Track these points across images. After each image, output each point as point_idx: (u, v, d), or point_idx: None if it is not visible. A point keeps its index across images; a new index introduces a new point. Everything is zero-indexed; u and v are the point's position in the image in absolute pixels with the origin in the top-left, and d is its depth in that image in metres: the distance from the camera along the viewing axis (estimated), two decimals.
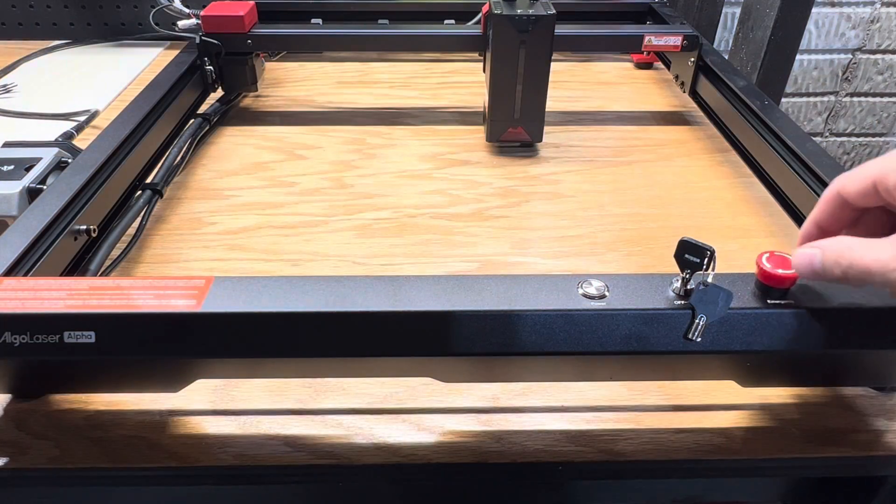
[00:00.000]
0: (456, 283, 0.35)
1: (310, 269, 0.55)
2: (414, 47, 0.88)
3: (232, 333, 0.34)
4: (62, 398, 0.42)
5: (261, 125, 0.79)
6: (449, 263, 0.56)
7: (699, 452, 0.40)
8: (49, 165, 0.54)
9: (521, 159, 0.72)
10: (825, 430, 0.41)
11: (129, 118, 0.61)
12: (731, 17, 1.21)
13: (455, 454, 0.39)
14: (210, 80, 0.78)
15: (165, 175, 0.62)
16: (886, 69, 1.28)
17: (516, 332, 0.34)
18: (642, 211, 0.63)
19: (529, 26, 0.64)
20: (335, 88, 0.89)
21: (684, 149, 0.75)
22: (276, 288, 0.35)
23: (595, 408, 0.42)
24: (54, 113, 0.80)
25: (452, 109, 0.84)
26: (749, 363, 0.38)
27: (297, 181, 0.67)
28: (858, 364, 0.40)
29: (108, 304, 0.34)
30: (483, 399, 0.43)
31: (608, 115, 0.83)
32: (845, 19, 1.22)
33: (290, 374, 0.42)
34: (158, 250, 0.57)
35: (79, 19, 1.03)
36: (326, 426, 0.41)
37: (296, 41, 0.80)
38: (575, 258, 0.57)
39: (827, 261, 0.31)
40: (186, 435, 0.40)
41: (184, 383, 0.39)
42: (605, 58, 1.01)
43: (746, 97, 0.66)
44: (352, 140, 0.75)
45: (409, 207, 0.63)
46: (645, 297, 0.35)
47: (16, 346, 0.33)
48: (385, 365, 0.38)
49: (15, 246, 0.43)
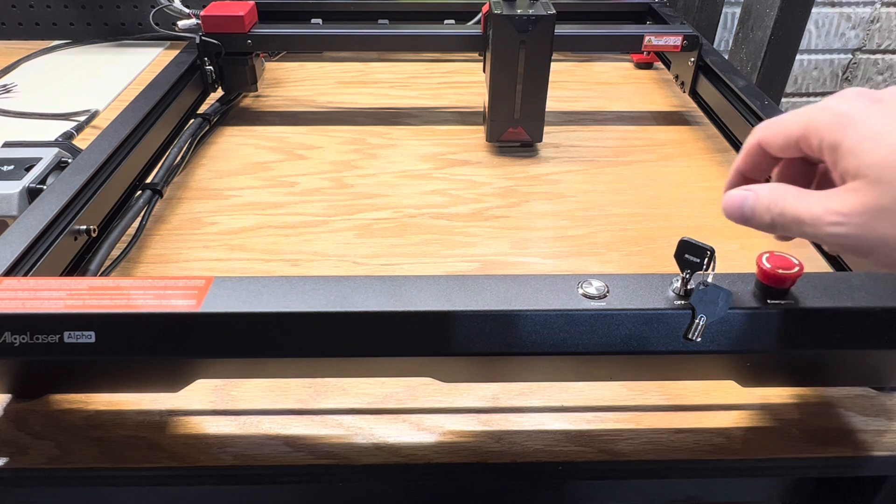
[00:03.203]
0: (456, 283, 0.35)
1: (310, 269, 0.55)
2: (414, 47, 0.88)
3: (232, 333, 0.34)
4: (62, 398, 0.42)
5: (261, 125, 0.79)
6: (449, 263, 0.56)
7: (699, 452, 0.40)
8: (49, 165, 0.54)
9: (521, 159, 0.72)
10: (825, 430, 0.41)
11: (129, 118, 0.61)
12: (731, 17, 1.21)
13: (455, 454, 0.39)
14: (210, 80, 0.78)
15: (165, 175, 0.62)
16: (886, 69, 1.28)
17: (516, 332, 0.34)
18: (642, 211, 0.63)
19: (529, 26, 0.64)
20: (335, 88, 0.89)
21: (684, 149, 0.75)
22: (276, 288, 0.35)
23: (595, 408, 0.42)
24: (54, 113, 0.80)
25: (452, 109, 0.84)
26: (749, 363, 0.38)
27: (297, 181, 0.67)
28: (858, 364, 0.40)
29: (108, 304, 0.34)
30: (483, 399, 0.43)
31: (608, 115, 0.83)
32: (845, 19, 1.22)
33: (290, 374, 0.42)
34: (158, 250, 0.57)
35: (79, 19, 1.03)
36: (326, 426, 0.41)
37: (296, 41, 0.80)
38: (575, 258, 0.57)
39: (758, 206, 0.31)
40: (186, 435, 0.40)
41: (184, 383, 0.39)
42: (605, 58, 1.01)
43: (746, 97, 0.66)
44: (352, 140, 0.75)
45: (410, 207, 0.63)
46: (645, 297, 0.35)
47: (16, 346, 0.33)
48: (385, 365, 0.38)
49: (15, 246, 0.43)
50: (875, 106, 0.29)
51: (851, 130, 0.29)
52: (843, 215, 0.28)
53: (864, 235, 0.28)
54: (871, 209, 0.28)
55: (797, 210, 0.30)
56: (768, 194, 0.31)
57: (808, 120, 0.31)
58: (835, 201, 0.29)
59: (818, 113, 0.30)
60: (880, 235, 0.28)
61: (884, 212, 0.27)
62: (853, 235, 0.28)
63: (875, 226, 0.28)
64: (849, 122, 0.29)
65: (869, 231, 0.28)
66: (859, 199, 0.28)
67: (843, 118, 0.29)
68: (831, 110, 0.30)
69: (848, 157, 0.29)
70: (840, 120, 0.29)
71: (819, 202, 0.29)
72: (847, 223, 0.28)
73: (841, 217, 0.28)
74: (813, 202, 0.30)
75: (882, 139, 0.28)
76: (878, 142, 0.28)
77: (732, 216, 0.33)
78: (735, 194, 0.32)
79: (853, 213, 0.28)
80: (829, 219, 0.29)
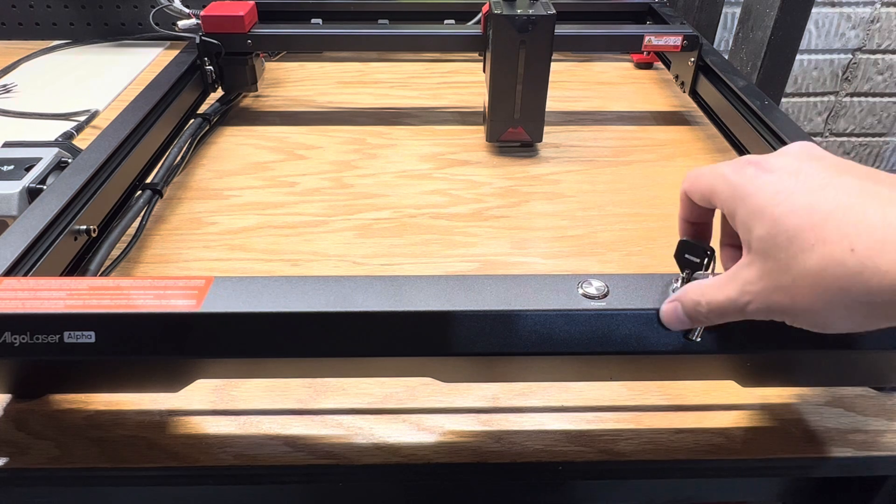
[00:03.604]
0: (456, 283, 0.35)
1: (310, 269, 0.55)
2: (414, 47, 0.87)
3: (232, 333, 0.34)
4: (62, 398, 0.42)
5: (261, 125, 0.79)
6: (449, 263, 0.56)
7: (699, 452, 0.40)
8: (49, 165, 0.54)
9: (521, 159, 0.72)
10: (825, 430, 0.41)
11: (129, 118, 0.61)
12: (731, 17, 1.21)
13: (455, 454, 0.39)
14: (210, 80, 0.78)
15: (165, 175, 0.62)
16: (886, 69, 1.28)
17: (516, 332, 0.34)
18: (642, 211, 0.63)
19: (529, 26, 0.64)
20: (335, 88, 0.89)
21: (684, 149, 0.75)
22: (276, 288, 0.35)
23: (595, 408, 0.42)
24: (54, 113, 0.80)
25: (452, 109, 0.84)
26: (749, 363, 0.38)
27: (297, 181, 0.67)
28: (858, 364, 0.40)
29: (108, 304, 0.34)
30: (483, 399, 0.43)
31: (608, 115, 0.83)
32: (845, 19, 1.22)
33: (290, 374, 0.42)
34: (158, 250, 0.57)
35: (79, 19, 1.03)
36: (326, 426, 0.41)
37: (296, 41, 0.80)
38: (575, 258, 0.57)
39: (687, 310, 0.32)
40: (186, 435, 0.40)
41: (184, 383, 0.39)
42: (605, 58, 1.01)
43: (746, 97, 0.66)
44: (352, 140, 0.75)
45: (410, 207, 0.63)
46: (645, 297, 0.35)
47: (16, 346, 0.33)
48: (385, 365, 0.38)
49: (15, 246, 0.43)
50: (763, 175, 0.29)
51: (742, 203, 0.29)
52: (750, 293, 0.29)
53: (771, 308, 0.28)
54: (768, 284, 0.28)
55: (717, 300, 0.30)
56: (689, 297, 0.32)
57: (712, 184, 0.31)
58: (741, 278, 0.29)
59: (719, 180, 0.31)
60: (783, 307, 0.28)
61: (777, 286, 0.27)
62: (765, 310, 0.29)
63: (776, 299, 0.28)
64: (739, 194, 0.29)
65: (773, 304, 0.28)
66: (757, 274, 0.28)
67: (736, 189, 0.30)
68: (727, 180, 0.30)
69: (742, 229, 0.29)
70: (733, 191, 0.30)
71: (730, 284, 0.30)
72: (755, 300, 0.29)
73: (749, 295, 0.29)
74: (726, 287, 0.30)
75: (765, 213, 0.28)
76: (762, 215, 0.28)
77: (675, 326, 0.33)
78: (667, 308, 0.33)
79: (756, 289, 0.28)
80: (743, 299, 0.29)
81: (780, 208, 0.27)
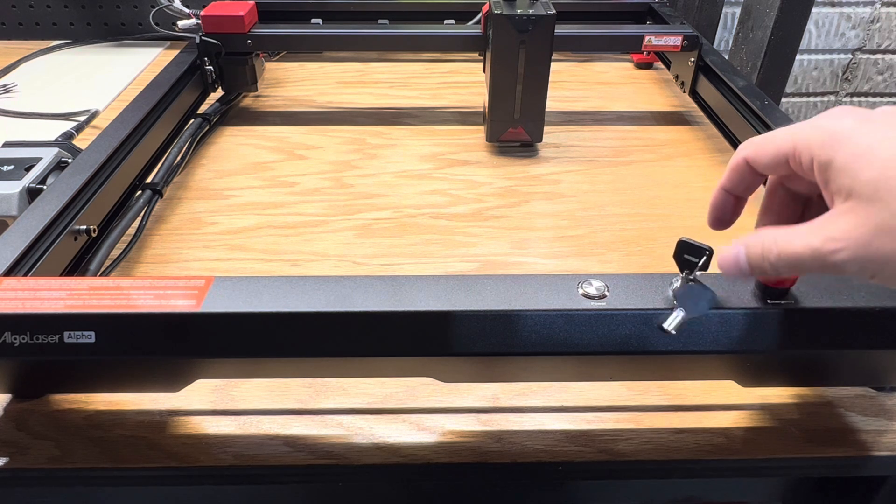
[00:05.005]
0: (456, 283, 0.35)
1: (310, 269, 0.55)
2: (414, 47, 0.88)
3: (232, 333, 0.34)
4: (62, 398, 0.42)
5: (261, 125, 0.79)
6: (449, 263, 0.56)
7: (699, 452, 0.40)
8: (49, 165, 0.54)
9: (521, 159, 0.72)
10: (825, 430, 0.41)
11: (129, 118, 0.61)
12: (731, 17, 1.21)
13: (455, 454, 0.39)
14: (210, 80, 0.78)
15: (165, 175, 0.62)
16: (886, 69, 1.28)
17: (516, 332, 0.34)
18: (642, 211, 0.63)
19: (529, 26, 0.64)
20: (335, 88, 0.89)
21: (684, 149, 0.75)
22: (276, 288, 0.35)
23: (595, 408, 0.42)
24: (54, 113, 0.80)
25: (452, 109, 0.84)
26: (749, 363, 0.38)
27: (297, 181, 0.67)
28: (858, 364, 0.40)
29: (108, 304, 0.34)
30: (483, 399, 0.43)
31: (608, 115, 0.83)
32: (845, 19, 1.22)
33: (290, 374, 0.42)
34: (158, 250, 0.57)
35: (79, 19, 1.03)
36: (326, 426, 0.41)
37: (296, 41, 0.80)
38: (575, 258, 0.57)
39: (752, 255, 0.31)
40: (186, 435, 0.40)
41: (184, 383, 0.39)
42: (605, 58, 1.01)
43: (746, 97, 0.66)
44: (352, 140, 0.75)
45: (410, 207, 0.63)
46: (645, 297, 0.35)
47: (16, 346, 0.33)
48: (385, 365, 0.38)
49: (15, 246, 0.43)
50: (865, 124, 0.28)
51: (843, 147, 0.28)
52: (842, 240, 0.27)
53: (867, 257, 0.27)
54: (871, 228, 0.27)
55: (794, 248, 0.29)
56: (757, 242, 0.30)
57: (798, 137, 0.30)
58: (831, 227, 0.28)
59: (809, 130, 0.30)
60: (884, 254, 0.27)
61: (883, 229, 0.27)
62: (857, 259, 0.27)
63: (877, 245, 0.27)
64: (840, 138, 0.28)
65: (872, 251, 0.27)
66: (857, 220, 0.27)
67: (835, 135, 0.29)
68: (822, 127, 0.29)
69: (840, 175, 0.28)
70: (831, 136, 0.29)
71: (813, 233, 0.29)
72: (848, 248, 0.27)
73: (841, 243, 0.27)
74: (807, 235, 0.29)
75: (874, 155, 0.27)
76: (871, 158, 0.27)
77: (732, 273, 0.32)
78: (727, 252, 0.32)
79: (852, 236, 0.27)
80: (829, 247, 0.28)
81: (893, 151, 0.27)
